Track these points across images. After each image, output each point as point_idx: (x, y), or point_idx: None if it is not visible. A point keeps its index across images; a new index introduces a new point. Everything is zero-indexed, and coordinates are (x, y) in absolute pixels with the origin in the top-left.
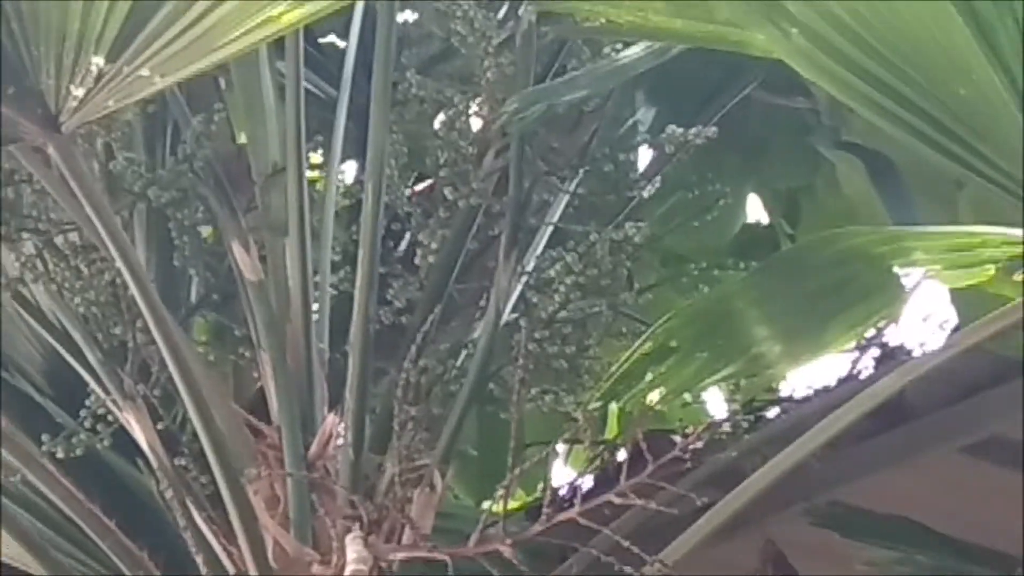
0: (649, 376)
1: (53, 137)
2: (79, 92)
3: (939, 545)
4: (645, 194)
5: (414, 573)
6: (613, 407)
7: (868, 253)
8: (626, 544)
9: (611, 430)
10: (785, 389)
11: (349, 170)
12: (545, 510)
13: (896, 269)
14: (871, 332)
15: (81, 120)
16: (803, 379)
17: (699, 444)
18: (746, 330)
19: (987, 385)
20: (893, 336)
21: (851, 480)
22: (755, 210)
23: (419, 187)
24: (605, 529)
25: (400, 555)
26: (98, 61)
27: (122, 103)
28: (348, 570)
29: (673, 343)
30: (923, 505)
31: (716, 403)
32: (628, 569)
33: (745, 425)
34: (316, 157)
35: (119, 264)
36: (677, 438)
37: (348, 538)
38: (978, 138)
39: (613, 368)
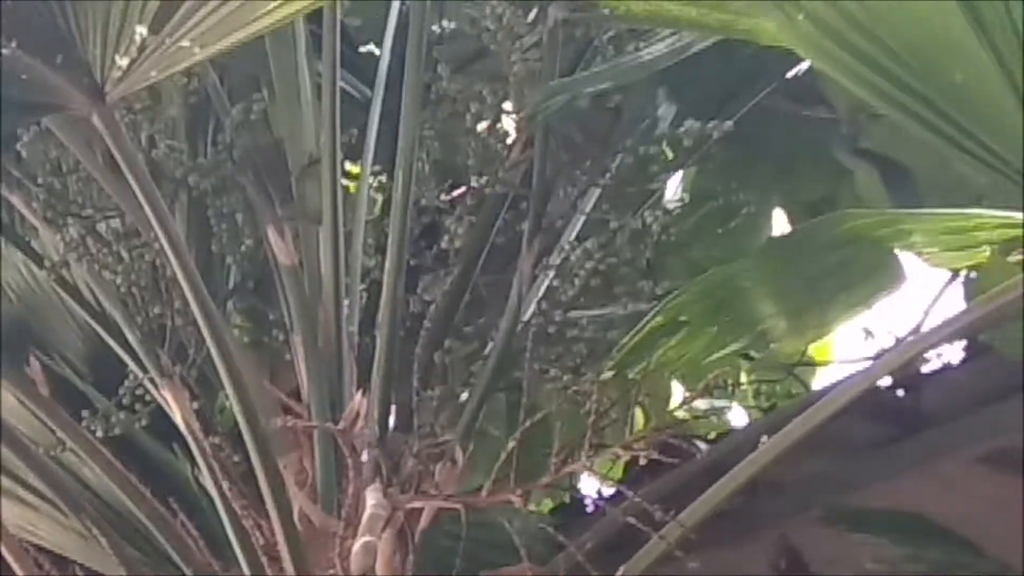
0: (660, 349)
1: (98, 106)
2: (123, 62)
3: (948, 541)
4: (672, 197)
5: None
6: (639, 417)
7: (868, 235)
8: (649, 506)
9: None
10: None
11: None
12: (554, 460)
13: (896, 251)
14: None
15: (125, 90)
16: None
17: None
18: (753, 307)
19: (1004, 395)
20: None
21: (867, 486)
22: (781, 223)
23: (457, 192)
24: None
25: (416, 504)
26: (142, 31)
27: (164, 73)
28: (365, 515)
29: (683, 318)
30: (937, 512)
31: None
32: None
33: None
34: (354, 168)
35: (160, 239)
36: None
37: (368, 490)
38: (974, 122)
39: (625, 340)
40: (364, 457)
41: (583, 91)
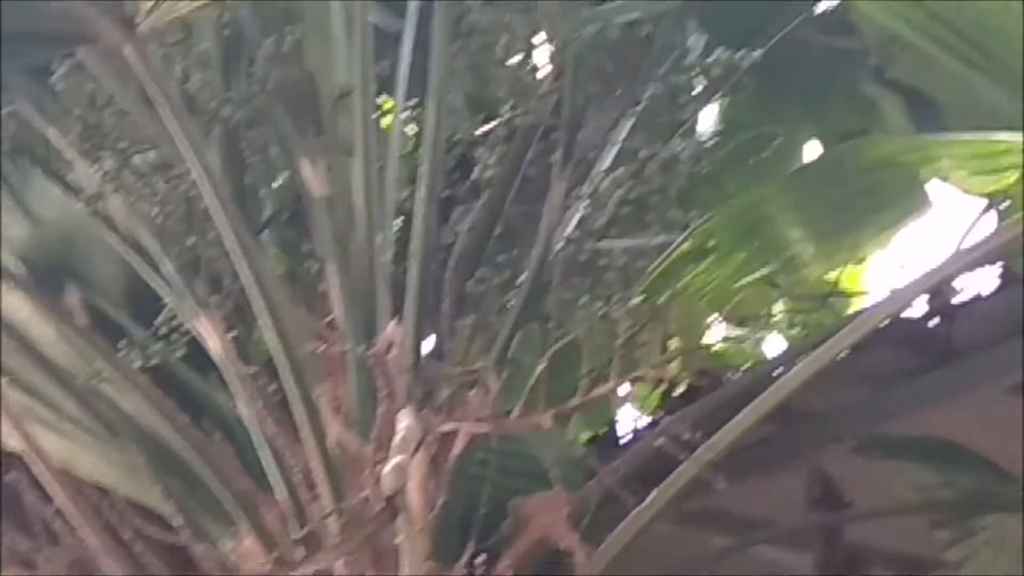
0: (688, 275)
1: (130, 37)
2: None
3: (980, 468)
4: (703, 130)
5: None
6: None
7: (896, 160)
8: (686, 433)
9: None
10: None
11: None
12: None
13: (923, 176)
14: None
15: (156, 21)
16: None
17: None
18: (781, 232)
19: None
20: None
21: (899, 415)
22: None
23: (488, 124)
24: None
25: (448, 427)
26: None
27: (194, 4)
28: (397, 438)
29: (711, 243)
30: (968, 441)
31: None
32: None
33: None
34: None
35: (194, 171)
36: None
37: (400, 413)
38: (1004, 51)
39: (654, 265)
40: (397, 384)
41: (614, 21)
